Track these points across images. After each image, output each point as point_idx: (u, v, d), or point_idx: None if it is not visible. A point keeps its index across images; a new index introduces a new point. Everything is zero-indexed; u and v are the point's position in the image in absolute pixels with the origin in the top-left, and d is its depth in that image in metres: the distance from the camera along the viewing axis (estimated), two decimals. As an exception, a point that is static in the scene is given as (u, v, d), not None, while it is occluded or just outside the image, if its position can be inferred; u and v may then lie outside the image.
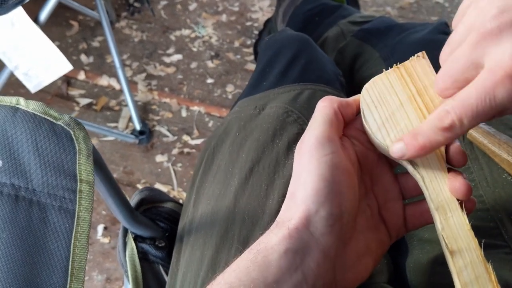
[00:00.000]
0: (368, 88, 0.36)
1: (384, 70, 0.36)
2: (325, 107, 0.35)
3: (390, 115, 0.35)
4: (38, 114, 0.34)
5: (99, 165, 0.39)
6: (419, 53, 0.36)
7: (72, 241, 0.33)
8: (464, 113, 0.29)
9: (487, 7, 0.28)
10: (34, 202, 0.33)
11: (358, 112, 0.37)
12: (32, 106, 0.34)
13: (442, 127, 0.30)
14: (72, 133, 0.34)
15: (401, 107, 0.35)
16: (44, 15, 0.94)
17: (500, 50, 0.27)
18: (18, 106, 0.34)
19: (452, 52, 0.31)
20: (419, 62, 0.36)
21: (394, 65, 0.36)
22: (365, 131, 0.36)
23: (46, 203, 0.33)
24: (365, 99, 0.36)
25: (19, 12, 0.82)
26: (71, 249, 0.33)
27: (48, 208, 0.33)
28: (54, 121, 0.34)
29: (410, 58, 0.36)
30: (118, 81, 1.28)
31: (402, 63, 0.36)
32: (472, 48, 0.29)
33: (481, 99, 0.28)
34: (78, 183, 0.34)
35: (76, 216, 0.33)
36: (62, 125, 0.34)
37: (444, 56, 0.32)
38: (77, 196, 0.34)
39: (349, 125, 0.37)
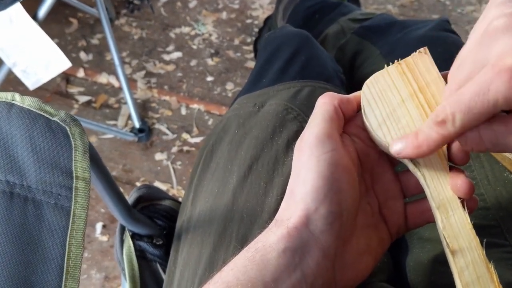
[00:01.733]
0: (369, 84, 0.35)
1: (385, 66, 0.36)
2: (325, 104, 0.35)
3: (391, 112, 0.34)
4: (34, 110, 0.33)
5: (96, 162, 0.38)
6: (421, 49, 0.35)
7: (68, 239, 0.33)
8: (458, 107, 0.27)
9: (496, 12, 0.28)
10: (29, 199, 0.33)
11: (358, 109, 0.36)
12: (27, 102, 0.34)
13: (436, 122, 0.29)
14: (68, 129, 0.34)
15: (402, 104, 0.34)
16: (42, 11, 0.94)
17: (503, 44, 0.26)
18: (13, 102, 0.34)
19: (461, 62, 0.29)
20: (421, 58, 0.35)
21: (396, 61, 0.35)
22: (366, 128, 0.35)
23: (41, 200, 0.33)
24: (366, 96, 0.35)
25: (18, 9, 0.81)
26: (67, 247, 0.32)
27: (44, 205, 0.33)
28: (49, 117, 0.34)
29: (412, 54, 0.35)
30: (118, 78, 1.28)
31: (404, 59, 0.35)
32: (478, 49, 0.28)
33: (475, 93, 0.26)
34: (74, 180, 0.33)
35: (71, 214, 0.33)
36: (58, 121, 0.34)
37: (454, 65, 0.31)
38: (73, 193, 0.33)
39: (349, 122, 0.36)
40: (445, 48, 0.58)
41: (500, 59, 0.26)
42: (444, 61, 0.36)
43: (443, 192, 0.32)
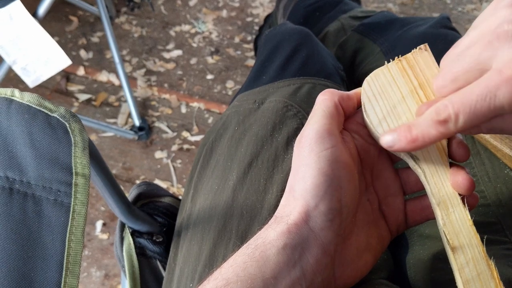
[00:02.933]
0: (370, 80, 0.35)
1: (386, 63, 0.36)
2: (325, 100, 0.35)
3: (391, 109, 0.34)
4: (33, 106, 0.33)
5: (96, 158, 0.38)
6: (422, 46, 0.35)
7: (67, 235, 0.32)
8: (462, 108, 0.27)
9: (507, 14, 0.28)
10: (28, 195, 0.33)
11: (359, 105, 0.36)
12: (27, 98, 0.33)
13: (437, 120, 0.29)
14: (67, 125, 0.33)
15: (402, 101, 0.34)
16: (42, 9, 0.93)
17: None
18: (12, 97, 0.34)
19: (458, 54, 0.29)
20: (422, 54, 0.35)
21: (396, 57, 0.35)
22: (366, 124, 0.35)
23: (41, 196, 0.33)
24: (366, 92, 0.35)
25: (18, 6, 0.81)
26: (66, 243, 0.32)
27: (43, 201, 0.33)
28: (49, 113, 0.33)
29: (412, 51, 0.35)
30: (118, 76, 1.28)
31: (404, 56, 0.35)
32: (483, 48, 0.27)
33: (481, 97, 0.27)
34: (74, 176, 0.33)
35: (71, 210, 0.33)
36: (58, 117, 0.33)
37: (448, 57, 0.31)
38: (73, 190, 0.33)
39: (349, 119, 0.36)
40: (445, 45, 0.58)
41: (508, 66, 0.26)
42: (444, 58, 0.36)
43: (444, 189, 0.32)
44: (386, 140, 0.32)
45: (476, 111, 0.27)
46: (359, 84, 0.36)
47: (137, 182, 1.14)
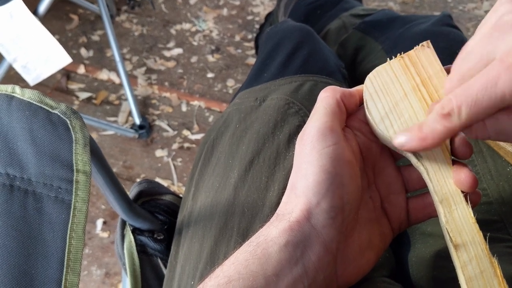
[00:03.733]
0: (372, 78, 0.35)
1: (388, 60, 0.35)
2: (327, 97, 0.34)
3: (393, 106, 0.34)
4: (34, 102, 0.33)
5: (96, 155, 0.38)
6: (424, 42, 0.35)
7: (68, 232, 0.32)
8: (464, 100, 0.27)
9: (506, 8, 0.27)
10: (29, 192, 0.33)
11: (361, 102, 0.36)
12: (27, 95, 0.33)
13: (441, 114, 0.28)
14: (68, 122, 0.33)
15: (405, 98, 0.34)
16: (43, 7, 0.93)
17: None
18: (13, 94, 0.33)
19: (464, 55, 0.29)
20: (424, 51, 0.35)
21: (398, 54, 0.35)
22: (368, 122, 0.35)
23: (41, 193, 0.33)
24: (368, 89, 0.35)
25: (18, 4, 0.81)
26: (67, 240, 0.32)
27: (44, 198, 0.33)
28: (50, 110, 0.33)
29: (415, 48, 0.35)
30: (118, 75, 1.28)
31: (407, 53, 0.35)
32: (486, 42, 0.27)
33: (483, 87, 0.26)
34: (75, 173, 0.33)
35: (72, 207, 0.33)
36: (59, 114, 0.33)
37: (456, 60, 0.30)
38: (74, 187, 0.33)
39: (351, 116, 0.36)
40: (447, 43, 0.58)
41: (509, 54, 0.25)
42: (446, 56, 0.36)
43: (446, 186, 0.32)
44: (399, 140, 0.31)
45: (478, 102, 0.27)
46: (360, 82, 0.36)
47: (138, 180, 1.14)
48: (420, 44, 0.35)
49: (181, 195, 0.56)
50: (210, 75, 1.34)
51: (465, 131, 0.30)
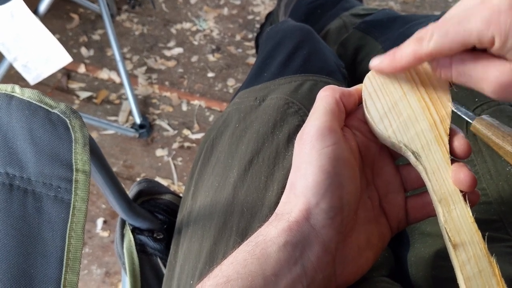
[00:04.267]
0: (371, 77, 0.35)
1: None
2: (326, 97, 0.34)
3: (392, 105, 0.34)
4: (34, 102, 0.33)
5: (96, 155, 0.38)
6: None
7: (68, 232, 0.32)
8: (438, 29, 0.30)
9: None
10: (29, 192, 0.33)
11: (360, 102, 0.36)
12: (27, 94, 0.33)
13: (415, 38, 0.31)
14: (68, 121, 0.33)
15: (404, 97, 0.34)
16: (43, 6, 0.93)
17: None
18: (13, 93, 0.34)
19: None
20: None
21: (398, 54, 0.35)
22: (367, 121, 0.35)
23: (41, 192, 0.33)
24: (368, 88, 0.35)
25: (19, 3, 0.81)
26: (66, 240, 0.32)
27: (43, 197, 0.33)
28: (49, 109, 0.33)
29: None
30: (119, 74, 1.28)
31: None
32: None
33: (457, 20, 0.29)
34: (74, 173, 0.33)
35: (71, 206, 0.33)
36: (58, 113, 0.33)
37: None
38: (73, 186, 0.33)
39: (350, 115, 0.36)
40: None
41: None
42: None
43: (445, 186, 0.32)
44: (374, 62, 0.34)
45: (448, 32, 0.29)
46: (360, 82, 0.36)
47: (138, 180, 1.15)
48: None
49: (181, 195, 0.56)
50: (210, 74, 1.34)
51: (432, 64, 0.32)
